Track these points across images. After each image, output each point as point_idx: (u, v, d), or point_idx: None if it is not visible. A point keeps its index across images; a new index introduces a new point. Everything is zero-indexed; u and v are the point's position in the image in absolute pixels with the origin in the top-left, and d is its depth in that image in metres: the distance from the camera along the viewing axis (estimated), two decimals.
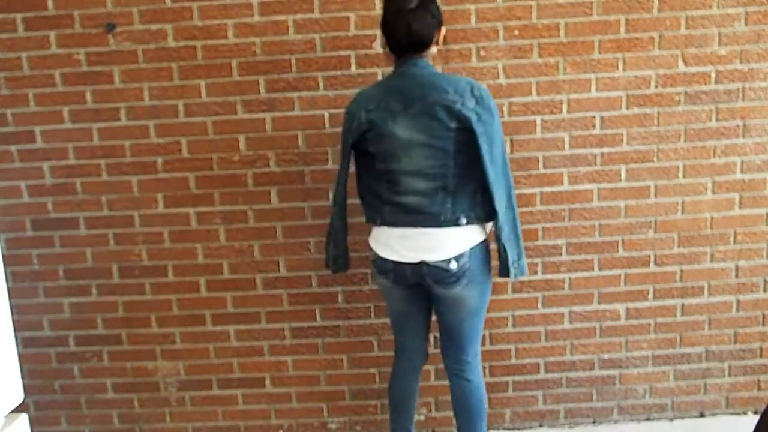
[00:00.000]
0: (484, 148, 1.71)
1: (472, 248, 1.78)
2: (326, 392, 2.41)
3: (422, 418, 2.40)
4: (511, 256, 1.80)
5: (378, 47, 2.16)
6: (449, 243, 1.76)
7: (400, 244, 1.80)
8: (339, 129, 2.18)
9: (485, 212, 1.79)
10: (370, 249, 1.89)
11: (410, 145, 1.73)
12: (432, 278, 1.79)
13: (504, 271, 1.82)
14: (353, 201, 2.25)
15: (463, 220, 1.76)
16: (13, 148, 2.23)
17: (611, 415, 2.43)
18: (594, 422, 2.44)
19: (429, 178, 1.74)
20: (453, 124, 1.69)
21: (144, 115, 2.21)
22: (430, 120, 1.70)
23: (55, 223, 2.28)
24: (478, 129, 1.69)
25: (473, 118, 1.68)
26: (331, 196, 2.25)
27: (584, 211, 2.27)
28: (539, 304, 2.34)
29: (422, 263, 1.77)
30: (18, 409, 1.18)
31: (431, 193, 1.75)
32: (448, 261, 1.75)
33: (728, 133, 2.23)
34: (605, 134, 2.22)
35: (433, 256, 1.76)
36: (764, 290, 2.34)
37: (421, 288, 1.85)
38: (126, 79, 2.19)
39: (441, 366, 2.05)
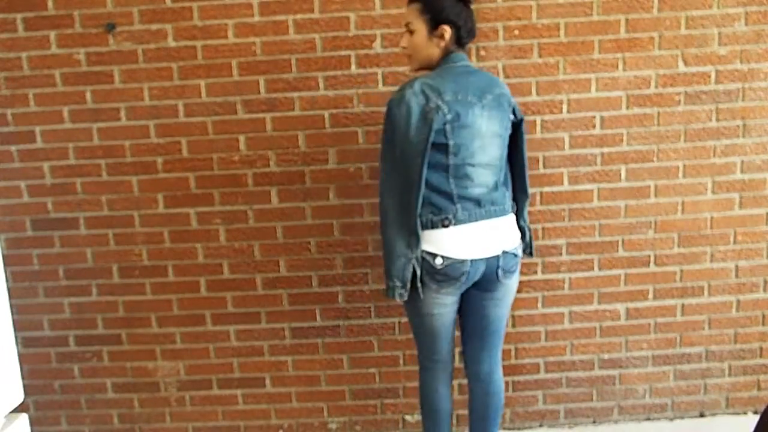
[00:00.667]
0: (524, 138, 1.87)
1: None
2: (326, 392, 2.41)
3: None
4: (533, 237, 1.96)
5: (378, 47, 2.16)
6: (513, 229, 1.84)
7: (479, 240, 1.73)
8: (339, 129, 2.19)
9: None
10: (429, 257, 1.70)
11: (486, 136, 1.73)
12: (504, 268, 1.77)
13: (527, 251, 1.96)
14: (352, 201, 2.25)
15: (513, 207, 1.87)
16: (13, 148, 2.23)
17: (611, 415, 2.43)
18: (594, 422, 2.44)
19: (494, 170, 1.77)
20: (511, 116, 1.81)
21: (144, 115, 2.21)
22: (500, 111, 1.76)
23: (55, 223, 2.28)
24: (523, 121, 1.83)
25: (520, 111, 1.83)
26: (328, 194, 2.26)
27: (584, 211, 2.27)
28: (539, 304, 2.34)
29: (501, 253, 1.76)
30: (18, 409, 1.18)
31: (494, 184, 1.78)
32: (517, 248, 1.82)
33: (728, 133, 2.23)
34: (605, 134, 2.22)
35: (509, 245, 1.79)
36: (764, 290, 2.34)
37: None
38: (126, 79, 2.19)
39: None
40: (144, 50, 2.17)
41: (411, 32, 1.77)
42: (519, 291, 2.32)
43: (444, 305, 1.80)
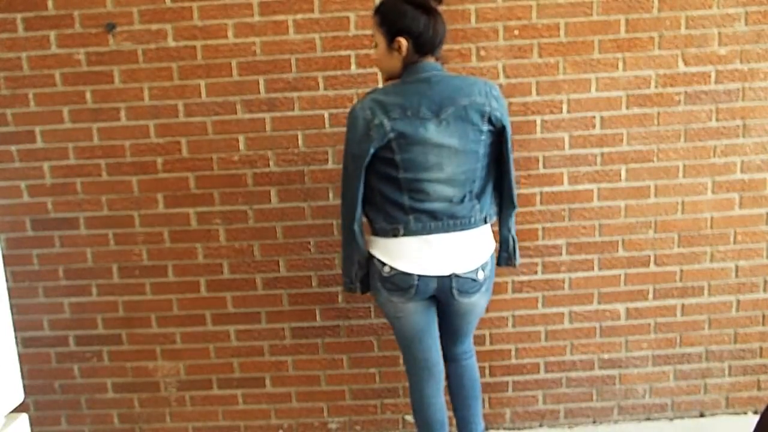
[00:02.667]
0: (509, 147, 1.77)
1: (491, 255, 1.83)
2: (326, 392, 2.41)
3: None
4: (517, 247, 1.91)
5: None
6: (477, 250, 1.77)
7: (428, 256, 1.71)
8: (339, 129, 2.19)
9: (496, 208, 1.85)
10: (379, 264, 1.76)
11: (442, 152, 1.66)
12: (458, 289, 1.75)
13: (510, 261, 1.92)
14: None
15: (489, 219, 1.81)
16: (13, 148, 2.23)
17: (611, 415, 2.43)
18: (594, 422, 2.44)
19: (458, 185, 1.70)
20: (485, 127, 1.70)
21: (144, 115, 2.21)
22: (464, 124, 1.67)
23: (55, 223, 2.28)
24: (506, 129, 1.74)
25: (502, 118, 1.72)
26: (328, 194, 2.26)
27: (584, 211, 2.27)
28: (539, 304, 2.34)
29: (452, 275, 1.73)
30: (18, 409, 1.18)
31: (460, 198, 1.72)
32: (476, 271, 1.76)
33: (728, 133, 2.23)
34: (605, 134, 2.22)
35: (463, 267, 1.74)
36: (764, 290, 2.34)
37: (433, 297, 1.81)
38: (126, 79, 2.19)
39: None
40: (144, 50, 2.17)
41: (375, 45, 1.73)
42: (519, 291, 2.32)
43: (407, 310, 1.79)
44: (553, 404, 2.42)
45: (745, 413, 2.43)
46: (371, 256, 1.79)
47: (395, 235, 1.72)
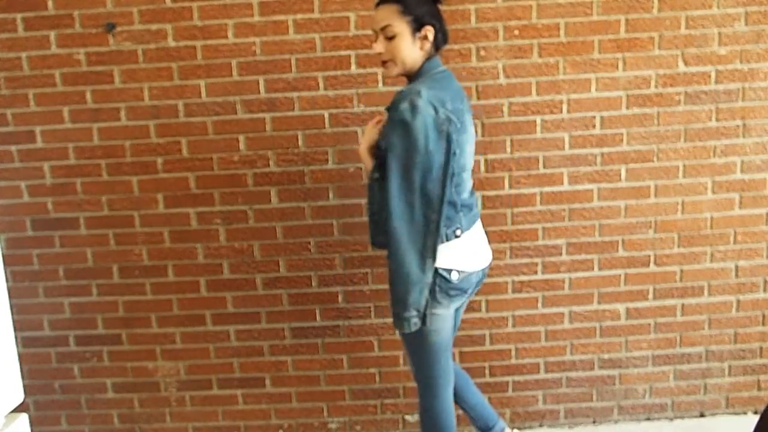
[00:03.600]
0: None
1: None
2: (326, 392, 2.41)
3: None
4: None
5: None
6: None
7: (478, 249, 1.72)
8: (339, 129, 2.19)
9: None
10: (445, 273, 1.60)
11: (472, 140, 1.71)
12: (482, 279, 1.79)
13: None
14: (352, 201, 2.25)
15: None
16: (13, 148, 2.23)
17: (611, 415, 2.43)
18: (594, 422, 2.44)
19: (471, 174, 1.75)
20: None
21: (144, 115, 2.21)
22: (470, 115, 1.74)
23: (55, 223, 2.28)
24: None
25: None
26: (328, 194, 2.26)
27: (584, 211, 2.27)
28: (539, 304, 2.34)
29: (487, 265, 1.78)
30: (18, 409, 1.18)
31: (472, 187, 1.77)
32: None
33: (728, 133, 2.23)
34: (605, 134, 2.22)
35: (490, 255, 1.80)
36: (764, 290, 2.34)
37: None
38: (126, 79, 2.19)
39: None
40: (144, 50, 2.17)
41: (390, 36, 1.61)
42: (519, 291, 2.32)
43: (447, 317, 1.68)
44: (553, 404, 2.42)
45: (745, 413, 2.43)
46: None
47: (457, 236, 1.63)
